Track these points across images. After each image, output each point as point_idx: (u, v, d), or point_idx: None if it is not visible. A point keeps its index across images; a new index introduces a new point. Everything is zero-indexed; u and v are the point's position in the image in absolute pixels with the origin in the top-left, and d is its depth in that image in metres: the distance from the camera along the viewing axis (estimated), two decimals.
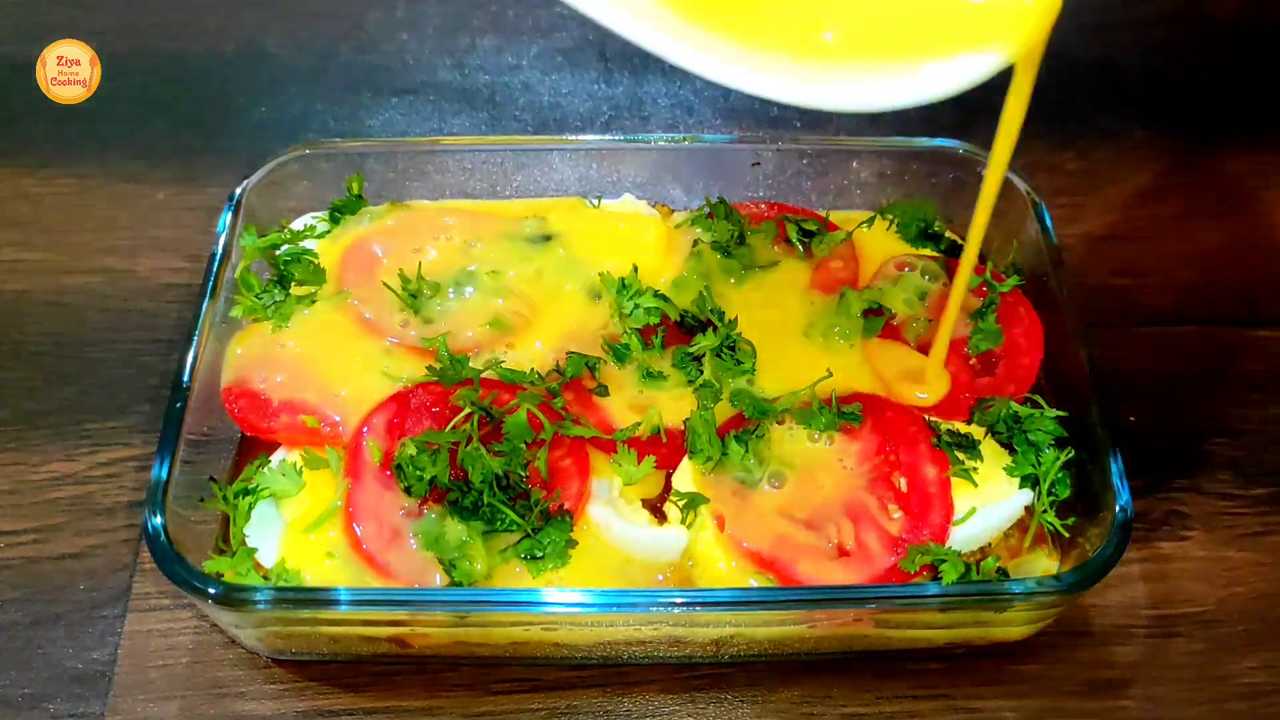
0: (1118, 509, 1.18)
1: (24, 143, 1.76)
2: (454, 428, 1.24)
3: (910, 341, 1.37)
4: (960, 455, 1.28)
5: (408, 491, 1.22)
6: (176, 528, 1.16)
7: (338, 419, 1.29)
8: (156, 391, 1.47)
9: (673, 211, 1.56)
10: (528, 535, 1.20)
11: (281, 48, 1.94)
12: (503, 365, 1.33)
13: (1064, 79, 1.90)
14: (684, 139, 1.56)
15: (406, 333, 1.37)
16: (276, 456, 1.29)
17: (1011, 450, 1.29)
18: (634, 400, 1.32)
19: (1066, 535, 1.25)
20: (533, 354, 1.37)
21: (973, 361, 1.38)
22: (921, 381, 1.33)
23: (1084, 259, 1.65)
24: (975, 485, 1.26)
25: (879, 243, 1.50)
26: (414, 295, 1.39)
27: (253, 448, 1.32)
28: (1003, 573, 1.21)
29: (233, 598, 1.12)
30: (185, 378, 1.26)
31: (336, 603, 1.12)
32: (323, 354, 1.34)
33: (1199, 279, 1.65)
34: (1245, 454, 1.46)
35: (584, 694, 1.26)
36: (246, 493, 1.24)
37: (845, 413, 1.29)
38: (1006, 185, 1.47)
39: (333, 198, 1.50)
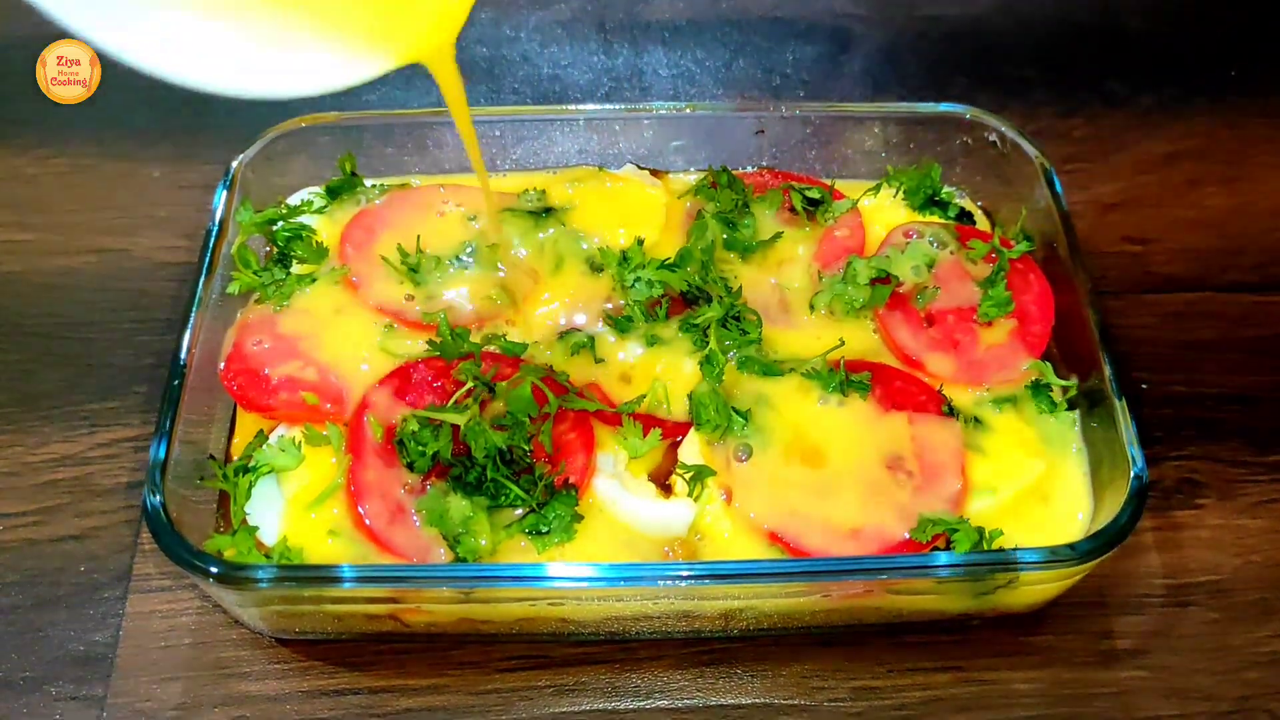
0: (1132, 476, 1.16)
1: (18, 123, 1.74)
2: (456, 402, 1.22)
3: (919, 309, 1.35)
4: (970, 426, 1.26)
5: (410, 467, 1.20)
6: (176, 507, 1.15)
7: (338, 395, 1.27)
8: (154, 371, 1.45)
9: (667, 176, 1.54)
10: (532, 510, 1.19)
11: None
12: (505, 339, 1.31)
13: (1071, 45, 1.88)
14: (686, 107, 1.54)
15: (409, 308, 1.35)
16: (276, 433, 1.27)
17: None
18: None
19: None
20: (535, 328, 1.35)
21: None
22: None
23: (1093, 226, 1.63)
24: (985, 455, 1.25)
25: (885, 210, 1.48)
26: (414, 270, 1.37)
27: (252, 426, 1.30)
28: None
29: (234, 576, 1.10)
30: (183, 356, 1.24)
31: (339, 580, 1.10)
32: (322, 330, 1.33)
33: (1209, 245, 1.63)
34: (1259, 421, 1.44)
35: (591, 670, 1.24)
36: (246, 470, 1.23)
37: (854, 381, 1.27)
38: (1016, 151, 1.45)
39: (329, 172, 1.48)
